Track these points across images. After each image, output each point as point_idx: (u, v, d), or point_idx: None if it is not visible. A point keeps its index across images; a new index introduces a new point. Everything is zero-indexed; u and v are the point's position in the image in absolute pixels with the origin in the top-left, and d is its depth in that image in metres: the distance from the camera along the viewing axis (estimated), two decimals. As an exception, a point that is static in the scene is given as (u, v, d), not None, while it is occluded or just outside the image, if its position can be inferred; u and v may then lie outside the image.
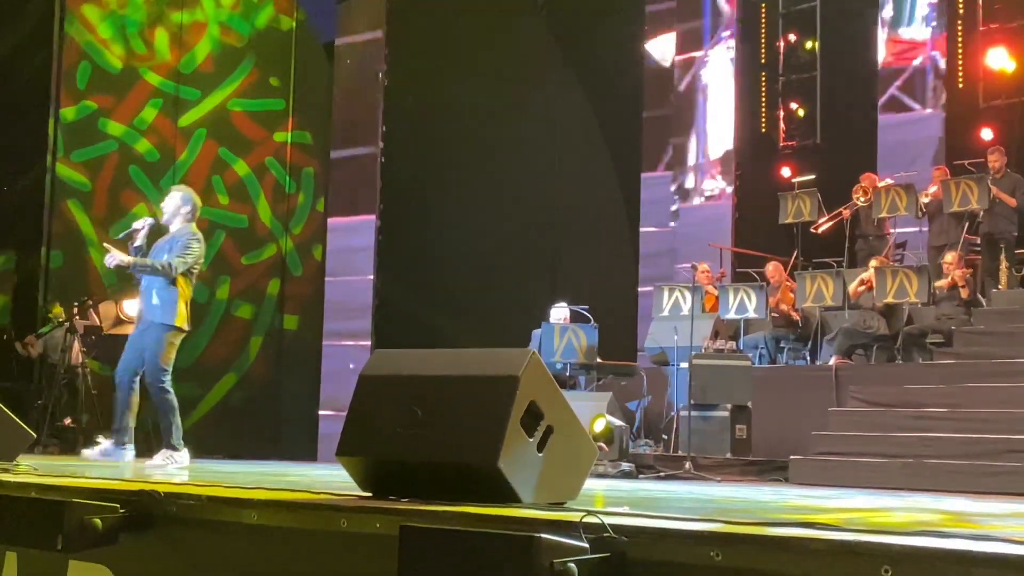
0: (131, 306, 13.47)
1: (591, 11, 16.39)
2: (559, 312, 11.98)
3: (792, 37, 15.60)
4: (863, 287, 11.40)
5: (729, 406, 10.31)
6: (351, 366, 13.54)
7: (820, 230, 13.05)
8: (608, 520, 3.27)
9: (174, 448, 7.91)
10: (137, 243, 8.04)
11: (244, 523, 4.06)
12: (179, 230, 8.02)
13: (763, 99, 15.98)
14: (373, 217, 15.11)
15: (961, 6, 14.06)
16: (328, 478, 6.47)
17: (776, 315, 12.10)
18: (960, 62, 14.05)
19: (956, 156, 12.89)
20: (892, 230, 12.86)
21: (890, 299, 10.78)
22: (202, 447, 13.07)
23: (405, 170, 15.08)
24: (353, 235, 15.22)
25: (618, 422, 9.77)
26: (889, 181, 12.46)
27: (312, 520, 3.93)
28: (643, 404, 11.47)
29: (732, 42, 15.92)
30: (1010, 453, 8.14)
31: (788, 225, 13.39)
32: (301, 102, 15.87)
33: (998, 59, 13.45)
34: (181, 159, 15.20)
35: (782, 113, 15.67)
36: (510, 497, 4.02)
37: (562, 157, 16.25)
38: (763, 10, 16.01)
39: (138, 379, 8.01)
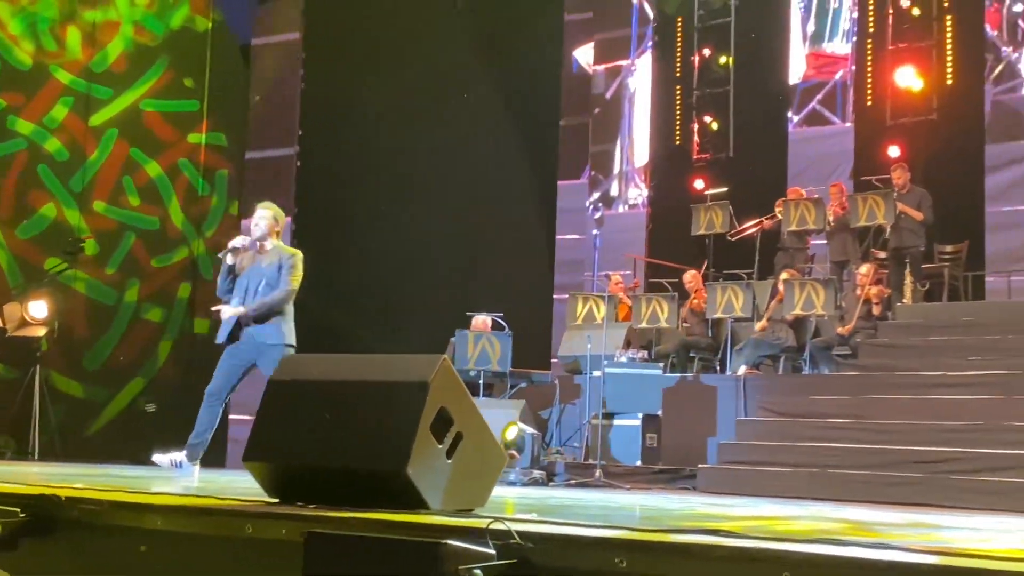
0: (37, 308, 13.22)
1: (510, 19, 16.45)
2: (480, 320, 11.98)
3: (707, 52, 15.81)
4: (775, 302, 11.58)
5: (640, 415, 10.40)
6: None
7: (736, 237, 13.21)
8: (515, 527, 3.29)
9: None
10: (231, 262, 7.73)
11: (148, 528, 4.01)
12: (275, 248, 7.81)
13: (678, 112, 16.17)
14: (288, 221, 14.97)
15: (871, 25, 14.36)
16: (235, 483, 6.41)
17: (687, 323, 12.22)
18: (869, 80, 14.36)
19: (864, 172, 13.17)
20: (812, 242, 13.09)
21: (798, 311, 10.96)
22: (109, 452, 12.86)
23: (321, 174, 14.98)
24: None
25: (530, 430, 9.81)
26: (817, 196, 12.67)
27: (216, 526, 3.89)
28: (555, 412, 11.51)
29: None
30: (911, 464, 8.32)
31: (700, 236, 13.56)
32: (216, 103, 15.68)
33: (906, 78, 13.76)
34: (91, 159, 14.93)
35: (696, 126, 15.86)
36: (418, 504, 4.02)
37: (480, 163, 16.27)
38: (679, 24, 16.20)
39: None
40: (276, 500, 4.34)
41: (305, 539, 3.32)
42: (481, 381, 11.16)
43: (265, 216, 7.79)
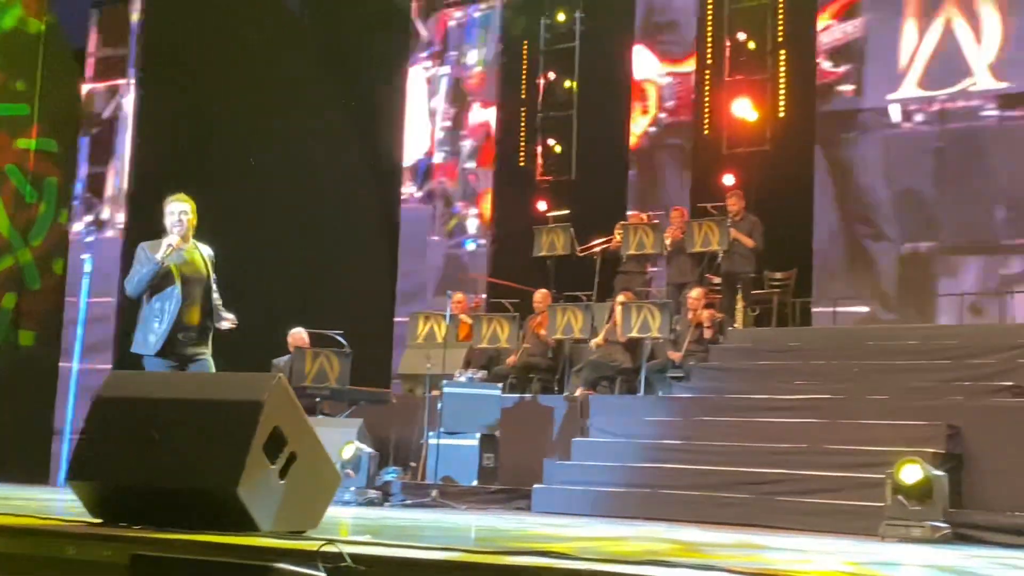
0: None
1: (358, 32, 16.36)
2: (297, 333, 11.84)
3: (552, 75, 16.02)
4: (610, 325, 11.75)
5: (478, 435, 10.42)
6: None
7: (583, 253, 13.36)
8: (348, 549, 3.26)
9: None
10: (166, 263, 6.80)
11: (-39, 550, 3.84)
12: (197, 245, 7.08)
13: (522, 133, 16.33)
14: (121, 238, 14.65)
15: (709, 57, 14.75)
16: (58, 503, 6.20)
17: (528, 344, 12.31)
18: (707, 110, 14.74)
19: (700, 199, 13.48)
20: (650, 267, 13.32)
21: (634, 333, 11.15)
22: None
23: (155, 185, 14.62)
24: (98, 250, 14.66)
25: (367, 449, 9.74)
26: (656, 221, 12.90)
27: (37, 546, 3.76)
28: (393, 431, 11.45)
29: (428, 63, 16.27)
30: (740, 485, 8.53)
31: (542, 258, 13.67)
32: (47, 109, 15.19)
33: (742, 109, 14.18)
34: (-88, 161, 14.31)
35: (540, 148, 16.04)
36: (248, 525, 3.96)
37: (323, 180, 16.12)
38: (525, 47, 16.37)
39: None
40: (100, 521, 4.22)
41: (130, 561, 3.23)
42: (318, 399, 11.04)
43: (187, 210, 6.97)
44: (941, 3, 12.80)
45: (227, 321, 7.01)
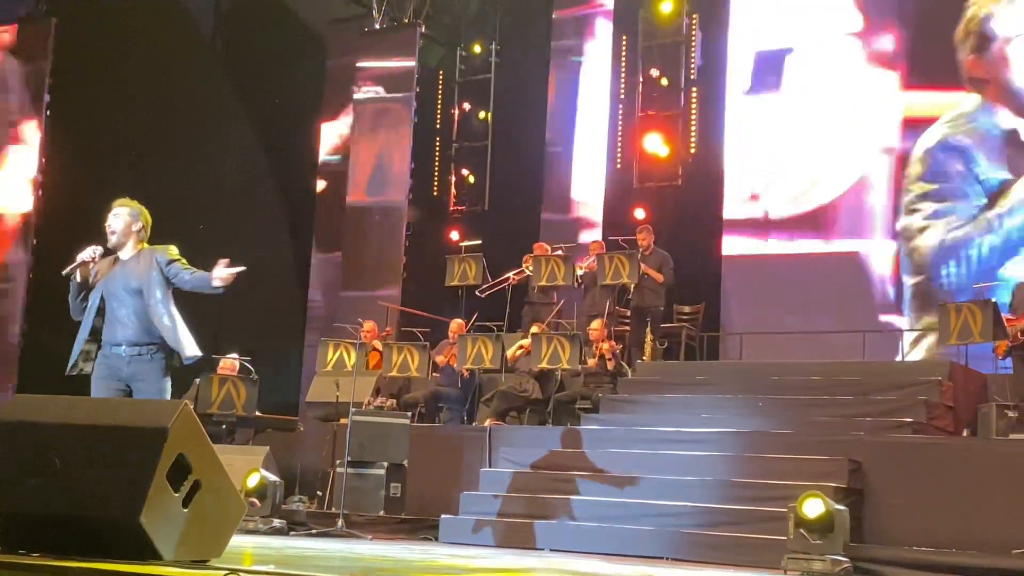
0: None
1: (271, 59, 16.31)
2: (228, 363, 11.71)
3: (466, 106, 16.12)
4: (521, 351, 11.80)
5: (385, 464, 10.36)
6: None
7: (486, 293, 13.40)
8: (250, 579, 3.23)
9: None
10: (79, 279, 6.10)
11: None
12: (142, 251, 6.27)
13: (436, 163, 16.38)
14: (24, 256, 14.42)
15: (623, 91, 14.95)
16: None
17: (438, 374, 12.30)
18: (619, 144, 14.91)
19: (611, 232, 13.61)
20: (557, 297, 13.38)
21: (544, 364, 11.20)
22: None
23: (64, 207, 14.40)
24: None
25: (273, 477, 9.63)
26: (564, 252, 12.98)
27: (-72, 576, 3.66)
28: (300, 459, 11.34)
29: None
30: (645, 517, 8.60)
31: (454, 287, 13.68)
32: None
33: (653, 144, 14.36)
34: None
35: (453, 178, 16.10)
36: (150, 554, 3.90)
37: (236, 202, 15.98)
38: (440, 76, 16.45)
39: None
40: (-4, 548, 4.12)
41: (26, 590, 3.16)
42: (224, 427, 10.90)
43: (119, 215, 6.28)
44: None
45: (218, 280, 6.29)
